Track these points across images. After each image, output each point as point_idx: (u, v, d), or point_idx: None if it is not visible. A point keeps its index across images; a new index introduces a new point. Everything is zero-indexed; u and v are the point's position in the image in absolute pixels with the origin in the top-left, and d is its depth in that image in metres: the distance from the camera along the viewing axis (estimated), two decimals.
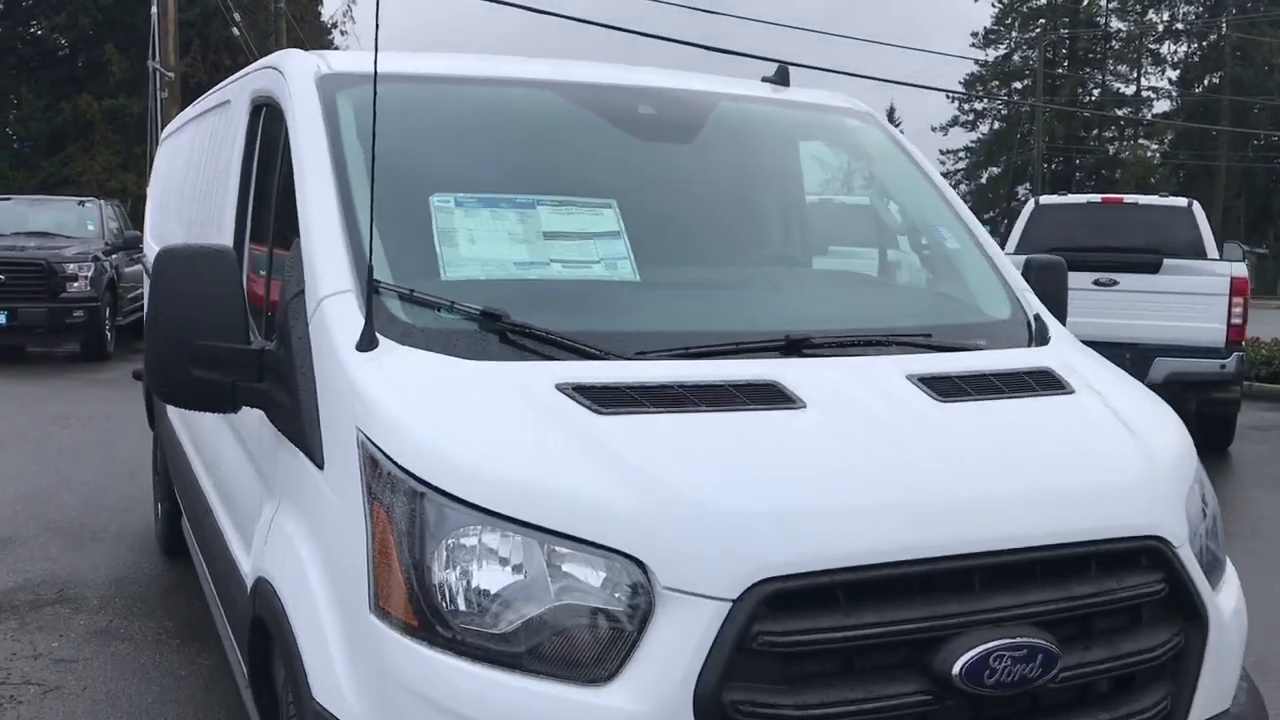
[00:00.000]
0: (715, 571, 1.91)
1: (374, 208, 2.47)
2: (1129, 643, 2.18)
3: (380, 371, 2.26)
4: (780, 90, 3.64)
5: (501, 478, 2.02)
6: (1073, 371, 2.73)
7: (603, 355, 2.37)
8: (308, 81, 2.97)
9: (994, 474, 2.21)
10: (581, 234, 2.77)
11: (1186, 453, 2.58)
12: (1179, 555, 2.27)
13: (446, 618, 1.97)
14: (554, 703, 1.89)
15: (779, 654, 1.91)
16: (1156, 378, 8.94)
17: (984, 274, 3.19)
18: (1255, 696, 2.55)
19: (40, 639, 4.72)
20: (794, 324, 2.62)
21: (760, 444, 2.14)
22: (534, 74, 3.27)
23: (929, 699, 1.97)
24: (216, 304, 2.50)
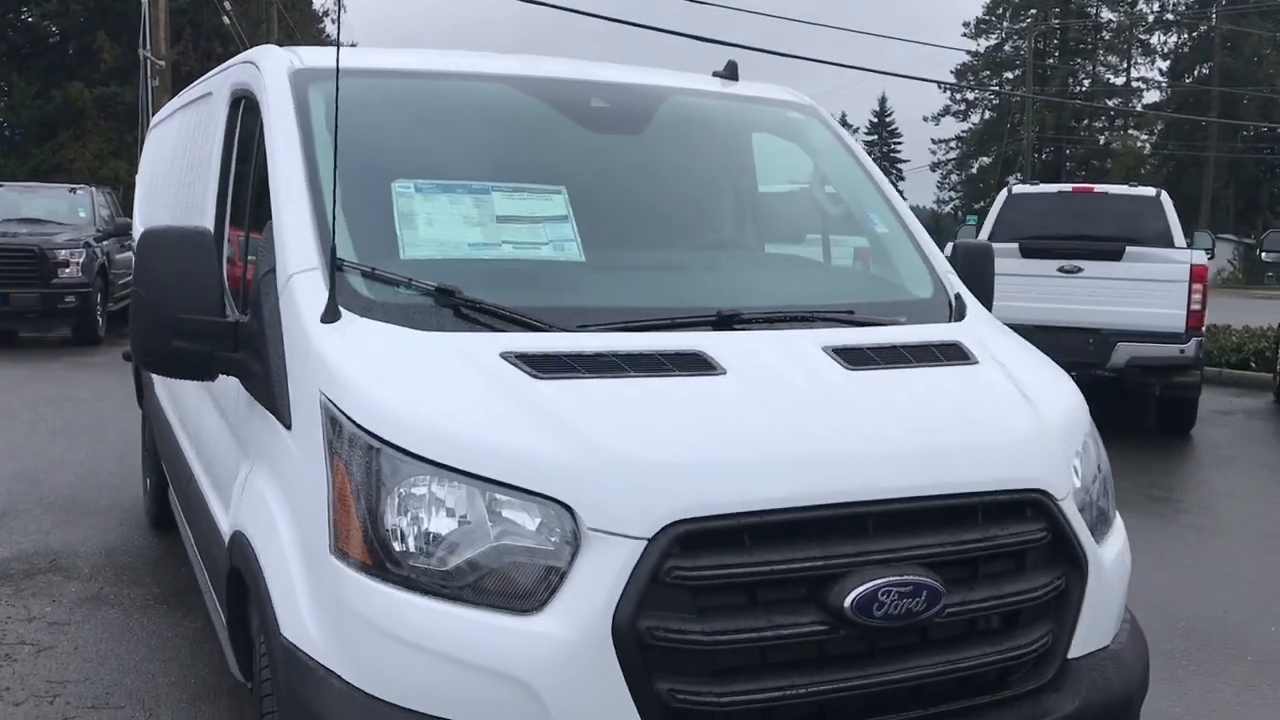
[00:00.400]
0: (633, 514, 2.16)
1: (341, 193, 2.72)
2: (1013, 584, 2.44)
3: (342, 341, 2.51)
4: (729, 84, 3.89)
5: (448, 434, 2.26)
6: (981, 345, 2.98)
7: (546, 327, 2.62)
8: (281, 76, 3.21)
9: (889, 432, 2.46)
10: (532, 218, 3.02)
11: (1078, 418, 2.84)
12: (1061, 507, 2.52)
13: (398, 557, 2.22)
14: (489, 629, 2.14)
15: (690, 587, 2.16)
16: (1119, 362, 9.22)
17: (910, 257, 3.45)
18: (1136, 636, 2.80)
19: (34, 604, 4.96)
20: (726, 301, 2.87)
21: (680, 405, 2.39)
22: (493, 69, 3.51)
23: (825, 629, 2.22)
24: (195, 281, 2.75)
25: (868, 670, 2.28)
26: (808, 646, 2.24)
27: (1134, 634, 2.80)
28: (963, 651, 2.39)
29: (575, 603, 2.14)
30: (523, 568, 2.18)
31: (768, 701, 2.19)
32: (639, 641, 2.12)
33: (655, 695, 2.13)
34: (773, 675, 2.21)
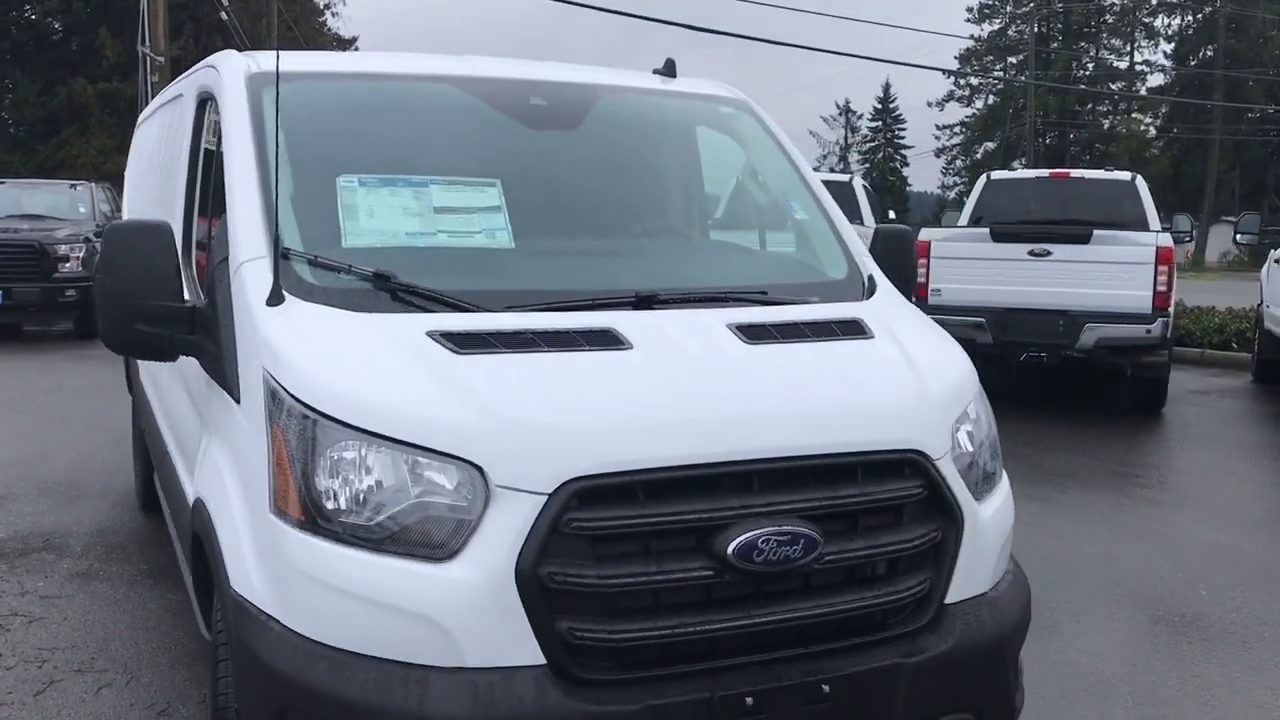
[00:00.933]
0: (535, 472, 2.41)
1: (292, 187, 2.98)
2: (891, 535, 2.69)
3: (284, 322, 2.77)
4: (667, 81, 4.13)
5: (374, 404, 2.52)
6: (882, 321, 3.23)
7: (473, 308, 2.87)
8: (239, 79, 3.46)
9: (776, 398, 2.71)
10: (467, 209, 3.28)
11: (963, 386, 3.08)
12: (938, 467, 2.77)
13: (329, 514, 2.48)
14: (408, 576, 2.40)
15: (587, 537, 2.42)
16: (1087, 343, 9.46)
17: (828, 241, 3.69)
18: (1018, 585, 3.05)
19: (27, 579, 5.25)
20: (646, 284, 3.12)
21: (584, 375, 2.64)
22: (439, 70, 3.77)
23: (711, 574, 2.48)
24: (154, 270, 3.01)
25: (752, 612, 2.53)
26: (696, 590, 2.49)
27: (1015, 583, 3.04)
28: (844, 596, 2.64)
29: (484, 551, 2.40)
30: (438, 521, 2.44)
31: (659, 639, 2.45)
32: (540, 585, 2.38)
33: (556, 633, 2.39)
34: (664, 615, 2.47)
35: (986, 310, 9.75)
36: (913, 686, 2.66)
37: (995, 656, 2.84)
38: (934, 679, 2.70)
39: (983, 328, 9.76)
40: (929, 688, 2.69)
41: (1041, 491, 7.29)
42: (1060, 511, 6.82)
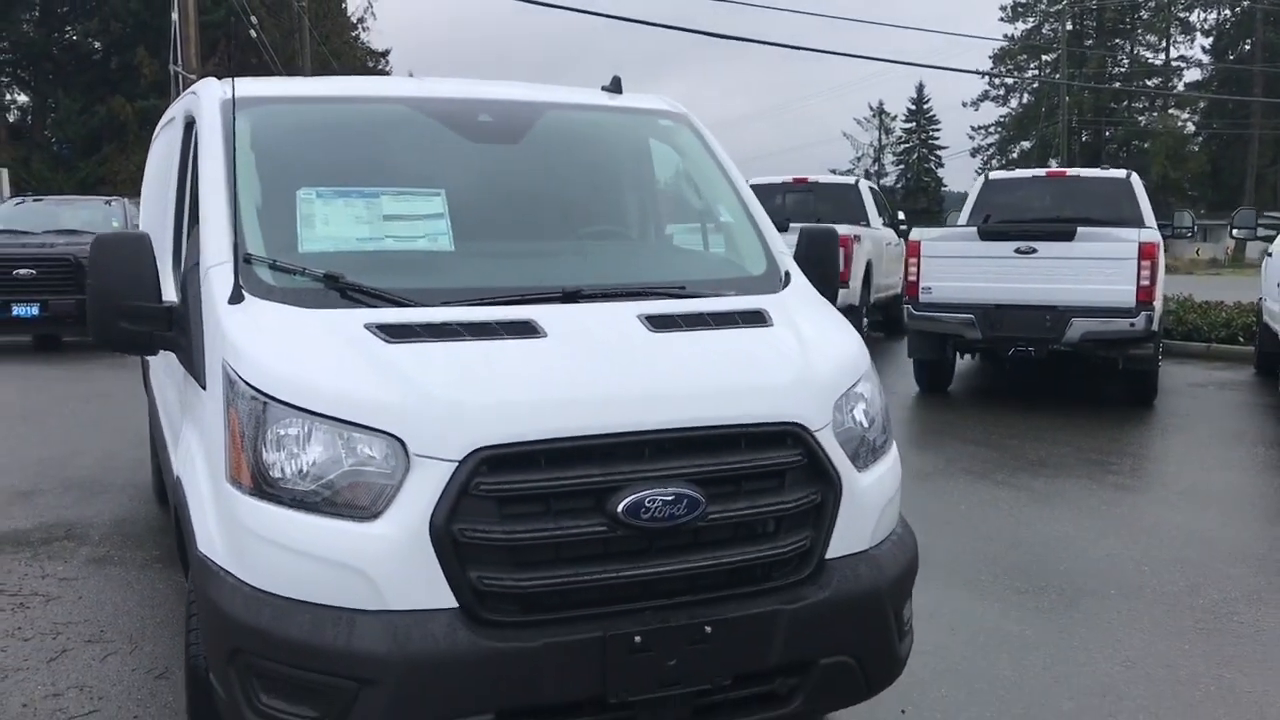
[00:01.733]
0: (447, 443, 2.79)
1: (260, 199, 3.39)
2: (773, 498, 3.04)
3: (243, 318, 3.16)
4: (614, 97, 4.51)
5: (312, 387, 2.91)
6: (785, 311, 3.58)
7: (410, 304, 3.26)
8: (214, 105, 3.88)
9: (670, 378, 3.07)
10: (413, 216, 3.67)
11: (850, 368, 3.41)
12: (817, 438, 3.12)
13: (274, 482, 2.87)
14: (339, 533, 2.79)
15: (494, 498, 2.79)
16: (1073, 337, 9.72)
17: (750, 241, 4.04)
18: (902, 545, 3.38)
19: (48, 564, 5.71)
20: (573, 281, 3.49)
21: (498, 360, 3.02)
22: (397, 92, 4.17)
23: (605, 529, 2.84)
24: (135, 275, 3.43)
25: (644, 563, 2.89)
26: (592, 544, 2.86)
27: (898, 543, 3.38)
28: (730, 550, 3.00)
29: (403, 511, 2.78)
30: (366, 486, 2.82)
31: (559, 586, 2.82)
32: (452, 540, 2.76)
33: (466, 581, 2.77)
34: (563, 566, 2.83)
35: (975, 307, 10.03)
36: (791, 630, 3.01)
37: (872, 607, 3.18)
38: (811, 625, 3.04)
39: (972, 324, 10.05)
40: (806, 632, 3.04)
41: (1016, 478, 7.59)
42: (1028, 496, 7.12)
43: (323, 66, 39.51)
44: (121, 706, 4.04)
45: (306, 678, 2.76)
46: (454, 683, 2.73)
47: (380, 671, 2.70)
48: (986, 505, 6.95)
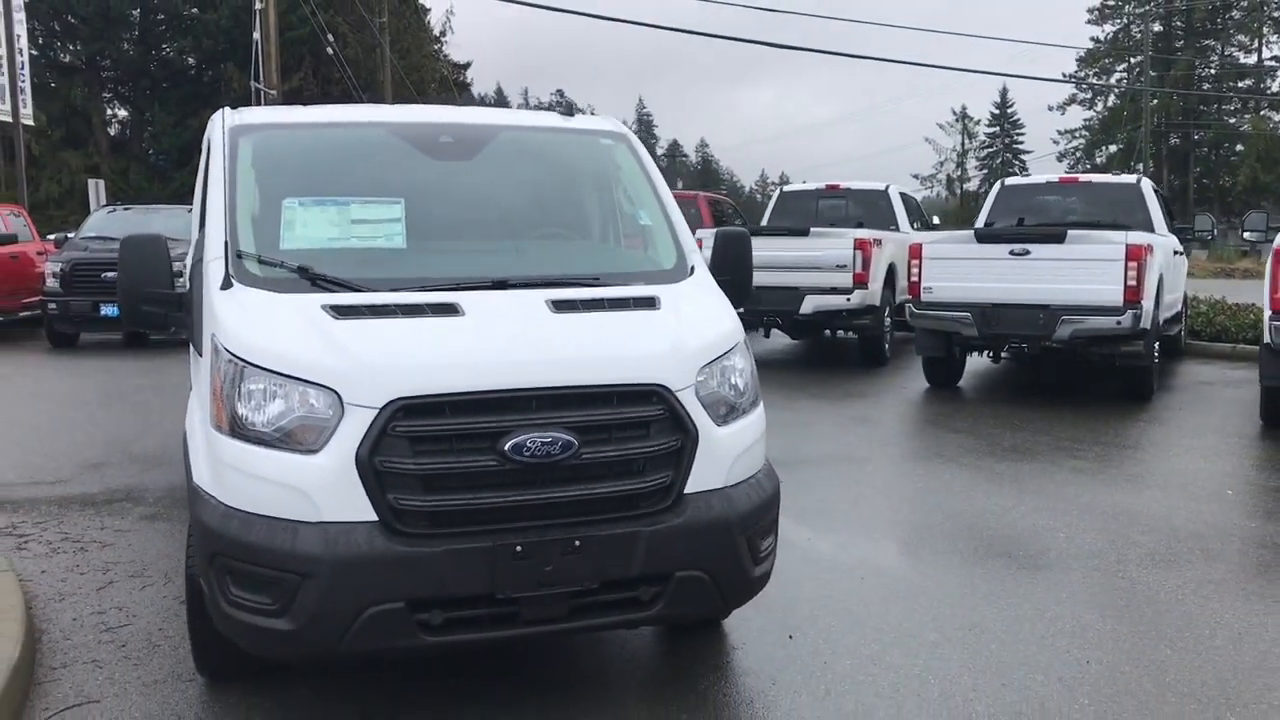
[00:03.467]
0: (371, 394, 3.61)
1: (254, 207, 4.27)
2: (639, 444, 3.80)
3: (230, 300, 4.03)
4: (565, 120, 5.32)
5: (274, 352, 3.75)
6: (677, 297, 4.34)
7: (363, 290, 4.10)
8: (222, 129, 4.78)
9: (559, 348, 3.85)
10: (376, 220, 4.52)
11: (718, 343, 4.13)
12: (678, 397, 3.87)
13: (243, 425, 3.72)
14: (289, 462, 3.61)
15: (408, 438, 3.60)
16: (1063, 334, 10.26)
17: (665, 241, 4.81)
18: (757, 487, 4.09)
19: (108, 519, 6.69)
20: (503, 273, 4.31)
21: (421, 333, 3.84)
22: (376, 118, 5.03)
23: (495, 464, 3.63)
24: (152, 267, 4.34)
25: (526, 491, 3.67)
26: (485, 474, 3.65)
27: (754, 485, 4.10)
28: (603, 483, 3.76)
29: (337, 446, 3.61)
30: (311, 428, 3.66)
31: (458, 506, 3.62)
32: (374, 469, 3.58)
33: (385, 501, 3.58)
34: (462, 491, 3.63)
35: (973, 306, 10.62)
36: (649, 547, 3.77)
37: (721, 532, 3.91)
38: (667, 544, 3.80)
39: (969, 322, 10.64)
40: (662, 550, 3.79)
41: (982, 461, 8.22)
42: (985, 476, 7.75)
43: (403, 80, 41.00)
44: (150, 621, 4.95)
45: (264, 573, 3.60)
46: (373, 577, 3.55)
47: (316, 567, 3.53)
48: (944, 484, 7.61)
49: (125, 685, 4.28)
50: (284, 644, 3.63)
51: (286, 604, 3.57)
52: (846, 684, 4.29)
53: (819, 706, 4.11)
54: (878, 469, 8.18)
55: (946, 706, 4.09)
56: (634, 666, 4.53)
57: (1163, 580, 5.50)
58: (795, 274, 13.21)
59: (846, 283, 13.04)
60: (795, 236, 13.46)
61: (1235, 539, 6.25)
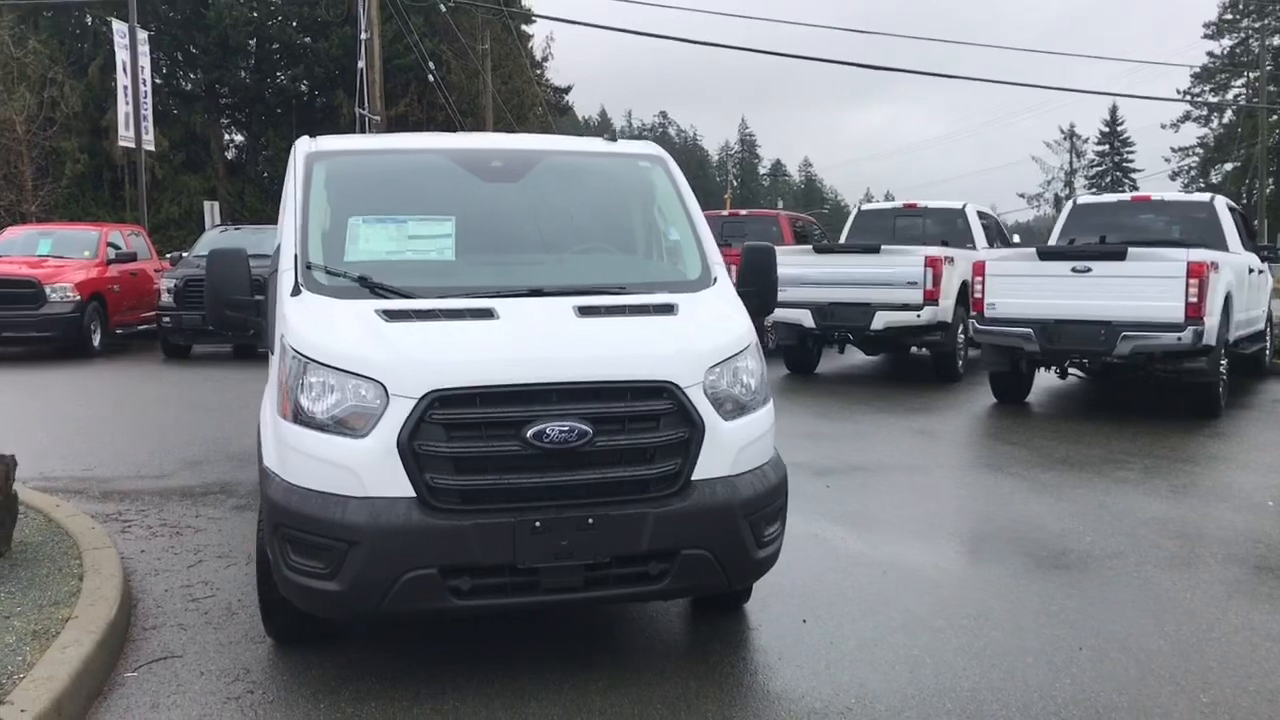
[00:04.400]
0: (412, 386, 4.12)
1: (323, 225, 4.85)
2: (649, 434, 4.24)
3: (297, 306, 4.60)
4: (608, 145, 5.80)
5: (332, 350, 4.30)
6: (695, 304, 4.78)
7: (414, 296, 4.63)
8: (300, 155, 5.37)
9: (578, 348, 4.32)
10: (430, 235, 5.06)
11: (728, 346, 4.53)
12: (687, 393, 4.30)
13: (304, 413, 4.27)
14: (341, 445, 4.14)
15: (443, 425, 4.10)
16: (1123, 350, 10.40)
17: (692, 253, 5.25)
18: (761, 476, 4.47)
19: (203, 509, 7.36)
20: (539, 282, 4.81)
21: (459, 334, 4.35)
22: (435, 144, 5.59)
23: (518, 449, 4.11)
24: (233, 278, 4.94)
25: (547, 474, 4.14)
26: (510, 458, 4.13)
27: (759, 475, 4.49)
28: (616, 468, 4.21)
29: (382, 431, 4.12)
30: (361, 415, 4.18)
31: (485, 486, 4.11)
32: (413, 452, 4.09)
33: (422, 479, 4.09)
34: (490, 472, 4.12)
35: (1034, 321, 10.82)
36: (657, 527, 4.20)
37: (725, 515, 4.32)
38: (673, 524, 4.23)
39: (1030, 338, 10.84)
40: (669, 529, 4.23)
41: (1030, 471, 8.46)
42: (1028, 485, 8.00)
43: (504, 105, 42.12)
44: (230, 594, 5.54)
45: (317, 541, 4.13)
46: (410, 546, 4.06)
47: (362, 536, 4.05)
48: (986, 491, 7.88)
49: (204, 644, 4.86)
50: (334, 604, 4.17)
51: (336, 568, 4.09)
52: (847, 660, 4.66)
53: (816, 677, 4.49)
54: (925, 477, 8.47)
55: (935, 680, 4.43)
56: (655, 641, 4.96)
57: (1176, 580, 5.74)
58: (867, 290, 13.51)
59: (917, 299, 13.28)
60: (867, 254, 13.76)
61: (1261, 545, 6.42)
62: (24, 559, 5.65)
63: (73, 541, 5.98)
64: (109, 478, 8.35)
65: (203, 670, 4.58)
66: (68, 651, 4.33)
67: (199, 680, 4.48)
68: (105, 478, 8.35)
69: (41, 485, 7.62)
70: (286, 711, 4.21)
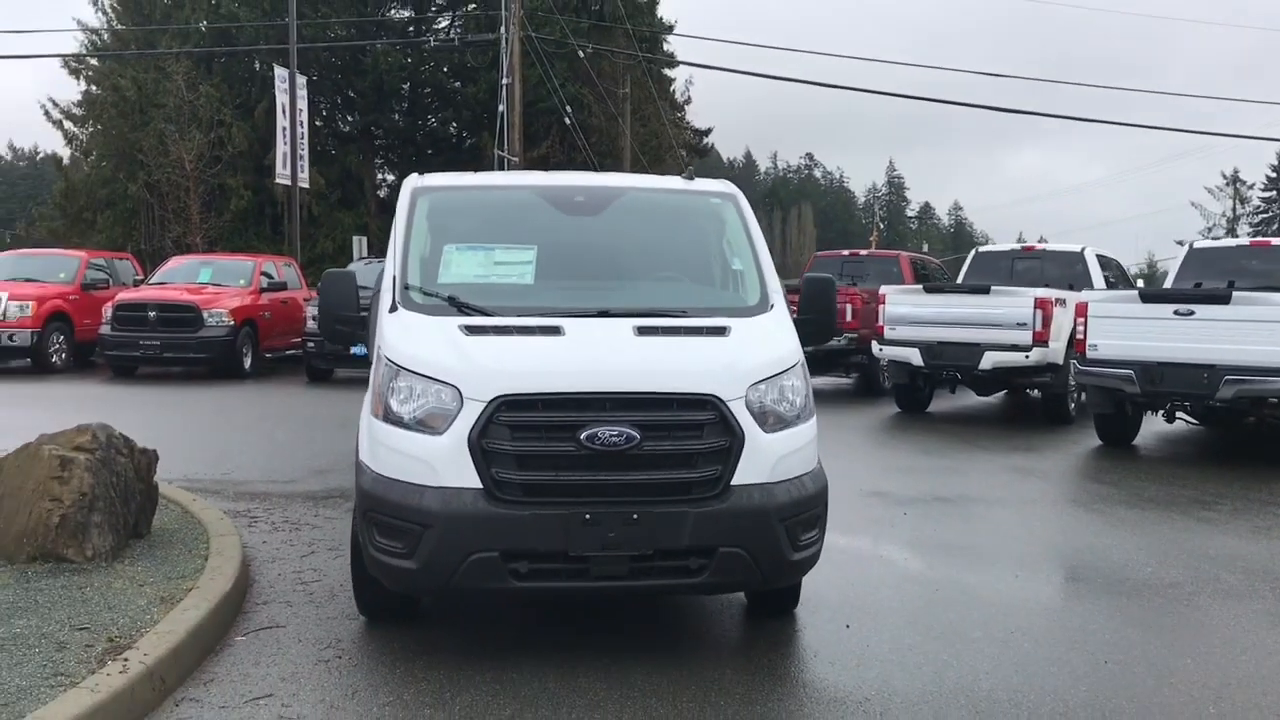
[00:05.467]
0: (483, 391, 4.68)
1: (421, 252, 5.51)
2: (693, 441, 4.71)
3: (393, 320, 5.23)
4: (685, 183, 6.33)
5: (419, 359, 4.90)
6: (748, 328, 5.24)
7: (493, 314, 5.22)
8: (407, 190, 6.05)
9: (633, 363, 4.83)
10: (513, 262, 5.66)
11: (772, 365, 4.97)
12: (729, 406, 4.76)
13: (392, 411, 4.88)
14: (421, 441, 4.73)
15: (508, 425, 4.65)
16: (1226, 394, 10.35)
17: (753, 282, 5.72)
18: (798, 485, 4.86)
19: (322, 510, 8.10)
20: (607, 305, 5.35)
21: (529, 348, 4.91)
22: (525, 181, 6.21)
23: (573, 449, 4.62)
24: (343, 295, 5.63)
25: (598, 473, 4.64)
26: (566, 457, 4.64)
27: (797, 484, 4.89)
28: (662, 471, 4.69)
29: (456, 430, 4.69)
30: (439, 415, 4.77)
31: (543, 481, 4.63)
32: (482, 449, 4.64)
33: (488, 473, 4.64)
34: (547, 469, 4.64)
35: (1135, 363, 10.86)
36: (696, 525, 4.66)
37: (760, 518, 4.74)
38: (712, 523, 4.68)
39: (1131, 379, 10.87)
40: (709, 527, 4.68)
41: (1113, 509, 8.58)
42: (1104, 520, 8.13)
43: (641, 147, 43.17)
44: (335, 580, 6.20)
45: (398, 524, 4.73)
46: (475, 531, 4.61)
47: (435, 520, 4.62)
48: (1062, 525, 8.06)
49: (305, 619, 5.50)
50: (410, 580, 4.75)
51: (413, 548, 4.67)
52: (878, 661, 5.01)
53: (846, 673, 4.87)
54: (1004, 509, 8.68)
55: (956, 681, 4.76)
56: (706, 638, 5.41)
57: (1224, 609, 5.89)
58: (976, 330, 13.66)
59: (1026, 340, 13.37)
60: (977, 294, 13.91)
61: None
62: (161, 540, 6.43)
63: (203, 530, 6.74)
64: (243, 481, 9.21)
65: (301, 638, 5.21)
66: (187, 614, 5.01)
67: (296, 646, 5.11)
68: (240, 480, 9.21)
69: (184, 484, 8.47)
70: (367, 674, 4.80)
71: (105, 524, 5.90)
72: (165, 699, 4.41)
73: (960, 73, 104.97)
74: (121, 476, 6.14)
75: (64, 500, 5.76)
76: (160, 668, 4.42)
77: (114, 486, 6.03)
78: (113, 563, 5.85)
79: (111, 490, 6.00)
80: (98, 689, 4.08)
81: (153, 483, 6.58)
